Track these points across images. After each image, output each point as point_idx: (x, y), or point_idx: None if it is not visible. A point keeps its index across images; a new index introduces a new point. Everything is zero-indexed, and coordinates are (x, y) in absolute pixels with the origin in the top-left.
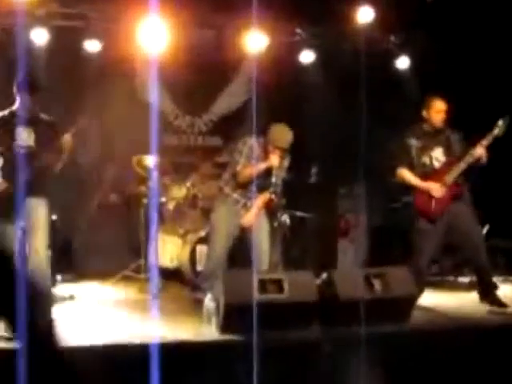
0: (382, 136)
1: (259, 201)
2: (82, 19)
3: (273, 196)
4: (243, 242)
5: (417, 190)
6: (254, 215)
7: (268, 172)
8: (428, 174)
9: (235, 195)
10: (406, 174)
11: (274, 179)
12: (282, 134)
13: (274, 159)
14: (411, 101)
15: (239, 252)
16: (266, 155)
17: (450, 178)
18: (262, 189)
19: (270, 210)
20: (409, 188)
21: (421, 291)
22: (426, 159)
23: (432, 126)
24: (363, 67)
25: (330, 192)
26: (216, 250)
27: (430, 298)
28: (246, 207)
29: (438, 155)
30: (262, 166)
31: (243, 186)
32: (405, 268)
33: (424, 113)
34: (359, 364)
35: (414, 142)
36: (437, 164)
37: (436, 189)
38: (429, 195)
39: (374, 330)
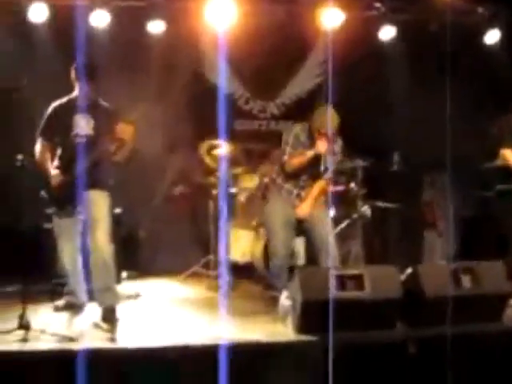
0: (472, 119)
1: (315, 190)
2: None
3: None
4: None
5: None
6: (309, 205)
7: (317, 160)
8: None
9: (287, 186)
10: (511, 156)
11: (323, 166)
12: (326, 118)
13: (321, 145)
14: (502, 79)
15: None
16: (312, 142)
17: None
18: (314, 177)
19: (349, 200)
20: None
21: None
22: None
23: None
24: (449, 43)
25: (415, 181)
26: (277, 245)
27: None
28: (300, 197)
29: None
30: (309, 153)
31: (292, 177)
32: (498, 262)
33: None
34: (446, 366)
35: None
36: None
37: None
38: None
39: (463, 329)
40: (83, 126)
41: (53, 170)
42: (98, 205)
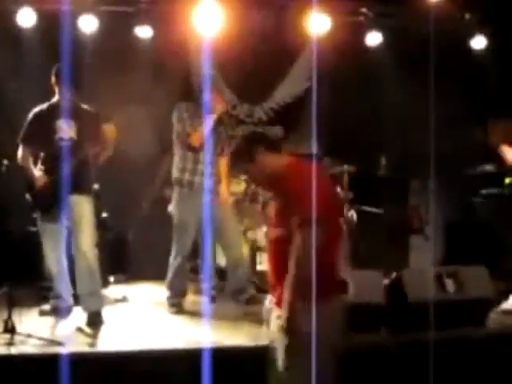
0: (459, 124)
1: (221, 168)
2: (133, 4)
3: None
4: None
5: None
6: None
7: (219, 123)
8: None
9: (187, 177)
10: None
11: (223, 131)
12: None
13: (217, 105)
14: (488, 84)
15: None
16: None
17: None
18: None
19: None
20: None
21: None
22: None
23: None
24: (434, 48)
25: (401, 185)
26: (183, 247)
27: None
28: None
29: None
30: (209, 120)
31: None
32: (481, 267)
33: None
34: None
35: None
36: None
37: None
38: None
39: (446, 334)
40: (66, 129)
41: (37, 171)
42: (81, 209)
